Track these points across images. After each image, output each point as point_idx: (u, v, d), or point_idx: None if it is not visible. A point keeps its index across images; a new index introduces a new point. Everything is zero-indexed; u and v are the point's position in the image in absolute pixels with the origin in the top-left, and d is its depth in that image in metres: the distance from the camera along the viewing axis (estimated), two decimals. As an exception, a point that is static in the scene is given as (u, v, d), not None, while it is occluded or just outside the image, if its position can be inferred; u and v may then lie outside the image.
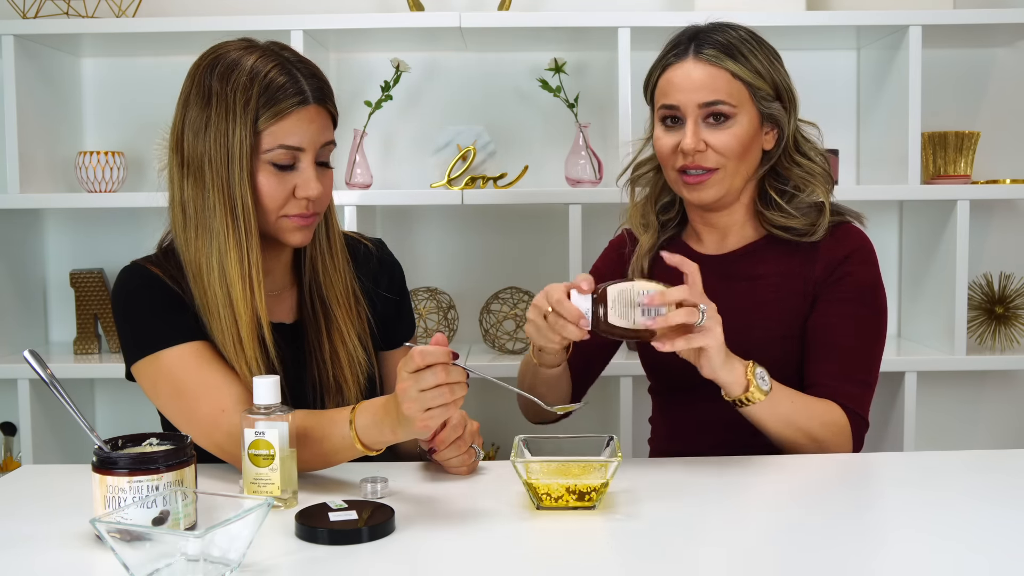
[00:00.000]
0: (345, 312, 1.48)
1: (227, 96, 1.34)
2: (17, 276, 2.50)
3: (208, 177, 1.35)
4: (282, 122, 1.35)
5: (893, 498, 1.24)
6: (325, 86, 1.41)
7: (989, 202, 2.57)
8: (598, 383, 2.51)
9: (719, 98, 1.48)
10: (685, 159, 1.50)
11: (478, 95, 2.59)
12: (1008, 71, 2.59)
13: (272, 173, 1.36)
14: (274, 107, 1.34)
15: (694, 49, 1.50)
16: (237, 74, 1.34)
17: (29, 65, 2.37)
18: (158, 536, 0.99)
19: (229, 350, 1.37)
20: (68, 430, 2.48)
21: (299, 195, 1.38)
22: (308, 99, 1.36)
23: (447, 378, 1.15)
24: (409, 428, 1.20)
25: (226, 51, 1.39)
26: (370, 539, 1.09)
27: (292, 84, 1.35)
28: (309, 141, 1.37)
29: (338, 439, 1.28)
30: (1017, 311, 2.45)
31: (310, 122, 1.37)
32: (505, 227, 2.61)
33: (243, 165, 1.34)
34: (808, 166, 1.55)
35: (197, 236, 1.37)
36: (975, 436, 2.65)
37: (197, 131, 1.36)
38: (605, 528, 1.14)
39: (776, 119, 1.53)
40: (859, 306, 1.51)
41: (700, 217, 1.60)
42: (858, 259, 1.53)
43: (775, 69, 1.52)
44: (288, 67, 1.37)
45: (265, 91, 1.34)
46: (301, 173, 1.38)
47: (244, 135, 1.33)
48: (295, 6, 2.56)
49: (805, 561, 1.04)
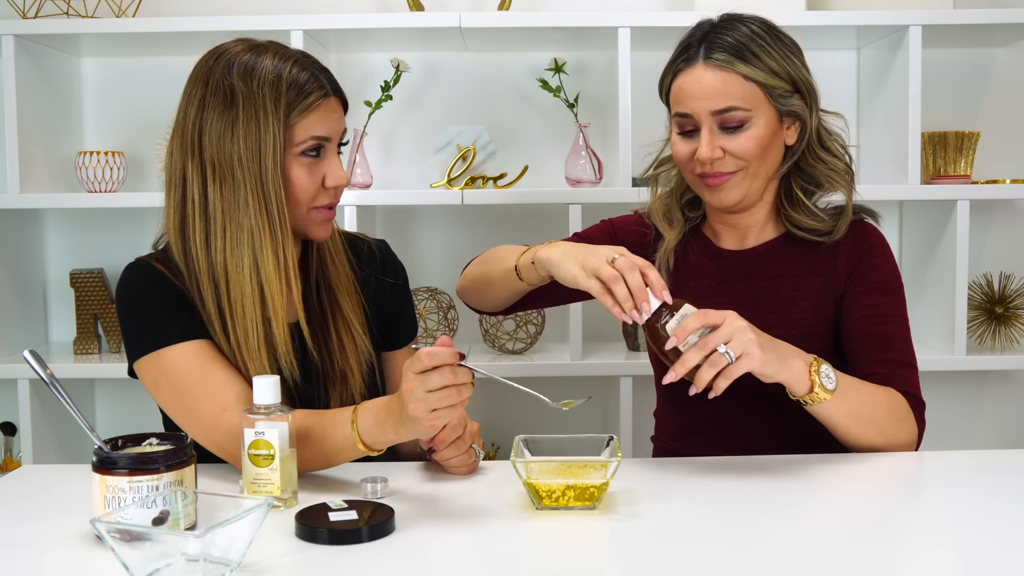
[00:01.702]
0: (349, 302, 1.50)
1: (255, 95, 1.36)
2: (17, 276, 2.50)
3: (240, 176, 1.36)
4: (312, 115, 1.39)
5: (895, 498, 1.24)
6: (334, 78, 1.45)
7: (989, 202, 2.57)
8: (598, 383, 2.53)
9: (732, 104, 1.45)
10: (703, 167, 1.48)
11: (478, 95, 2.59)
12: (1008, 71, 2.59)
13: (303, 165, 1.40)
14: (304, 101, 1.38)
15: (704, 53, 1.46)
16: (261, 73, 1.37)
17: (29, 65, 2.37)
18: (158, 536, 0.99)
19: (251, 352, 1.37)
20: (68, 430, 2.48)
21: (328, 184, 1.42)
22: (329, 91, 1.41)
23: (454, 379, 1.15)
24: (413, 428, 1.20)
25: (236, 52, 1.40)
26: (370, 539, 1.09)
27: (314, 78, 1.40)
28: (334, 130, 1.42)
29: (339, 439, 1.28)
30: (1017, 311, 2.45)
31: (332, 112, 1.42)
32: (505, 227, 2.61)
33: (276, 161, 1.37)
34: (832, 162, 1.53)
35: (226, 238, 1.37)
36: (975, 436, 2.65)
37: (223, 133, 1.36)
38: (605, 528, 1.14)
39: (797, 114, 1.50)
40: (888, 295, 1.52)
41: (720, 217, 1.59)
42: (878, 251, 1.54)
43: (791, 63, 1.48)
44: (303, 62, 1.41)
45: (292, 87, 1.37)
46: (328, 162, 1.42)
47: (277, 131, 1.36)
48: (295, 6, 2.56)
49: (806, 561, 1.04)
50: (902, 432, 1.42)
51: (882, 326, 1.49)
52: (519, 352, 2.46)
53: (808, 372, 1.33)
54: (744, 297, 1.51)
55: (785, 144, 1.52)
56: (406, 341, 1.61)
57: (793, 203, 1.55)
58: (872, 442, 1.40)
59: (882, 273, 1.53)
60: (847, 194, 1.54)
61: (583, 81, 2.55)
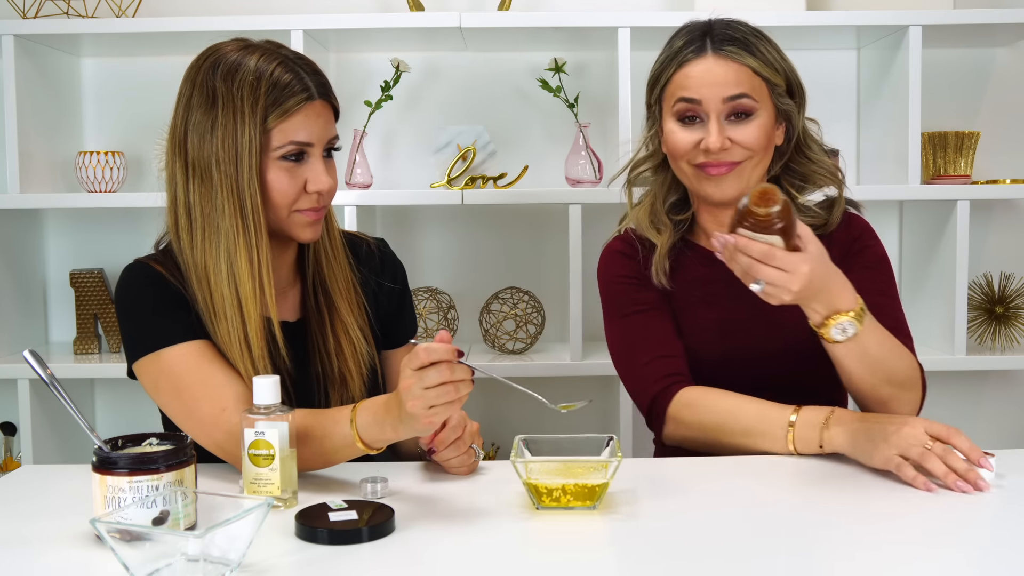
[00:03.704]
0: (347, 305, 1.49)
1: (234, 96, 1.35)
2: (17, 276, 2.50)
3: (216, 178, 1.36)
4: (291, 119, 1.36)
5: (895, 498, 1.24)
6: (326, 81, 1.43)
7: (989, 202, 2.57)
8: (598, 382, 2.53)
9: (744, 91, 1.47)
10: (707, 156, 1.49)
11: (478, 95, 2.59)
12: (1008, 71, 2.59)
13: (283, 169, 1.38)
14: (282, 105, 1.36)
15: (712, 46, 1.49)
16: (242, 74, 1.35)
17: (29, 65, 2.37)
18: (158, 536, 0.99)
19: (235, 352, 1.37)
20: (68, 430, 2.48)
21: (310, 189, 1.40)
22: (314, 95, 1.38)
23: (452, 376, 1.15)
24: (412, 426, 1.20)
25: (225, 52, 1.39)
26: (370, 539, 1.09)
27: (297, 81, 1.37)
28: (317, 136, 1.39)
29: (339, 438, 1.28)
30: (1017, 311, 2.45)
31: (317, 116, 1.39)
32: (505, 227, 2.61)
33: (252, 164, 1.35)
34: (820, 160, 1.58)
35: (205, 238, 1.37)
36: (975, 436, 2.60)
37: (203, 133, 1.36)
38: (605, 528, 1.14)
39: (788, 114, 1.53)
40: (882, 272, 1.56)
41: (712, 216, 1.59)
42: (869, 236, 1.60)
43: (785, 62, 1.53)
44: (290, 64, 1.38)
45: (272, 89, 1.35)
46: (311, 167, 1.40)
47: (253, 134, 1.35)
48: (295, 6, 2.56)
49: (806, 561, 1.04)
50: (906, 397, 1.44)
51: (878, 297, 1.51)
52: (519, 352, 2.46)
53: (855, 299, 1.33)
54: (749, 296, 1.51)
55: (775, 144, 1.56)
56: (405, 340, 1.61)
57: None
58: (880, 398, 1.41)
59: (873, 254, 1.58)
60: (838, 187, 1.58)
61: (583, 81, 2.55)
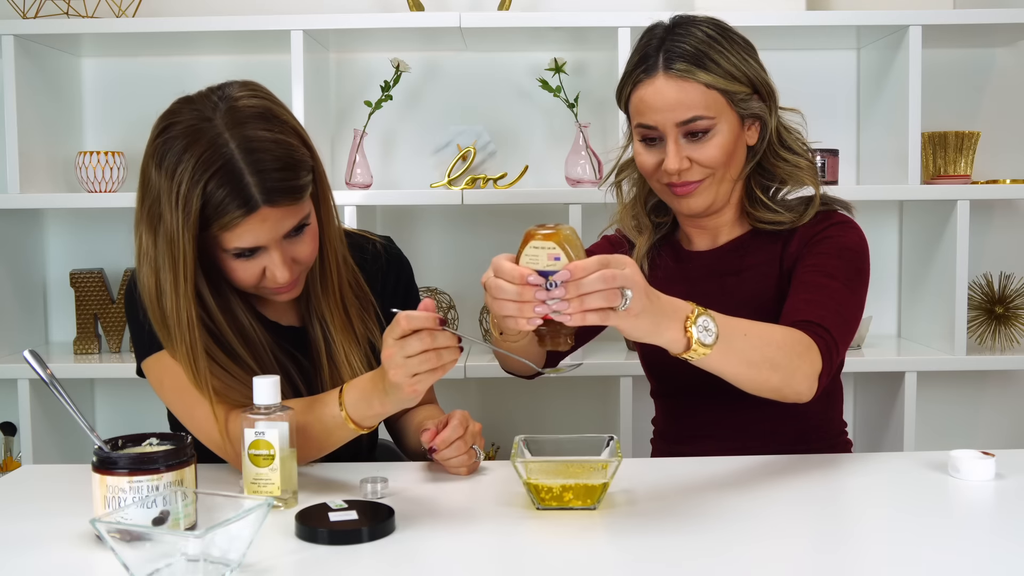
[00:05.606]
0: (352, 309, 1.47)
1: (169, 203, 1.27)
2: (17, 276, 2.50)
3: (162, 241, 1.30)
4: (233, 231, 1.27)
5: (894, 497, 1.24)
6: (283, 172, 1.27)
7: (989, 202, 2.57)
8: (598, 382, 2.53)
9: (696, 114, 1.43)
10: (670, 177, 1.47)
11: (478, 95, 2.59)
12: (1008, 71, 2.59)
13: (238, 261, 1.32)
14: (218, 220, 1.26)
15: (663, 63, 1.44)
16: (176, 184, 1.25)
17: (29, 65, 2.37)
18: (158, 536, 0.99)
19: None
20: (68, 430, 2.48)
21: (267, 284, 1.34)
22: (256, 204, 1.25)
23: (433, 343, 1.14)
24: (396, 396, 1.19)
25: (173, 134, 1.28)
26: (370, 539, 1.09)
27: (235, 193, 1.24)
28: (266, 239, 1.29)
29: (329, 419, 1.28)
30: (1017, 311, 2.44)
31: (262, 222, 1.27)
32: (505, 227, 2.61)
33: (187, 277, 1.28)
34: (794, 160, 1.52)
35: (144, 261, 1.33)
36: (975, 436, 2.65)
37: (151, 224, 1.31)
38: (605, 528, 1.14)
39: (757, 115, 1.49)
40: (840, 259, 1.45)
41: (690, 221, 1.59)
42: (840, 225, 1.49)
43: (748, 65, 1.47)
44: (232, 168, 1.24)
45: (205, 207, 1.25)
46: (269, 259, 1.32)
47: (188, 248, 1.27)
48: (295, 6, 2.56)
49: (806, 561, 1.04)
50: (802, 366, 1.30)
51: (823, 278, 1.42)
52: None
53: (683, 330, 1.16)
54: (717, 295, 1.51)
55: (747, 144, 1.52)
56: None
57: (752, 200, 1.55)
58: (770, 383, 1.27)
59: (835, 243, 1.47)
60: (814, 186, 1.52)
61: (583, 81, 2.55)
